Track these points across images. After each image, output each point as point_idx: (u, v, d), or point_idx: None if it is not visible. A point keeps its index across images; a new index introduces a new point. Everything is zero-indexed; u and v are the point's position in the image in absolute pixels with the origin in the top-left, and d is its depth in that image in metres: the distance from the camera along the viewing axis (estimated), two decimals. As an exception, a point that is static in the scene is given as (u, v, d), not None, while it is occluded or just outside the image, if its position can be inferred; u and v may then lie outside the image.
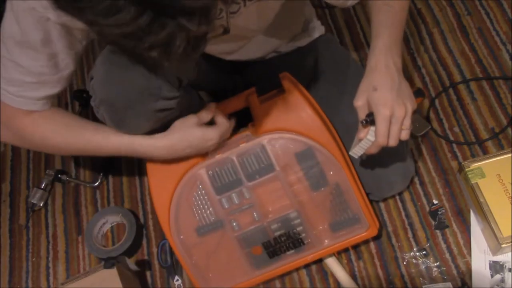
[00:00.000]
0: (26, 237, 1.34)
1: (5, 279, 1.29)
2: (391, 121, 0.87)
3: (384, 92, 0.87)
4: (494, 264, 1.09)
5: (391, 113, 0.86)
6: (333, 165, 1.03)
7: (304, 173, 1.03)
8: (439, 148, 1.26)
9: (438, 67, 1.37)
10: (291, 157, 1.03)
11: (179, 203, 1.05)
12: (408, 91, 0.90)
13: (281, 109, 1.05)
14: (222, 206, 1.05)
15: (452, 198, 1.19)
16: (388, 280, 1.13)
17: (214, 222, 1.05)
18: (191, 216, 1.05)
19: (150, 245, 1.26)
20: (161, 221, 1.07)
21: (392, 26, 0.92)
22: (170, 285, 1.21)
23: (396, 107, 0.86)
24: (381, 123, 0.87)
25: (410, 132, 0.90)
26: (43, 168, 1.42)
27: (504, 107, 1.28)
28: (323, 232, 1.07)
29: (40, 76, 0.86)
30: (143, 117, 0.93)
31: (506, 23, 1.39)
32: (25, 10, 0.78)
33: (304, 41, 1.17)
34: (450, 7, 1.46)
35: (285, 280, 1.17)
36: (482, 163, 1.13)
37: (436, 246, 1.14)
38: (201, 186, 1.04)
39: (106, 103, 0.91)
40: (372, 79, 0.89)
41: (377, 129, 0.88)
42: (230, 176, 1.04)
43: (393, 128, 0.88)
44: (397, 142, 0.89)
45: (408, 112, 0.87)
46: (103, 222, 1.28)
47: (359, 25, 1.49)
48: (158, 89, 0.91)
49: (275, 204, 1.05)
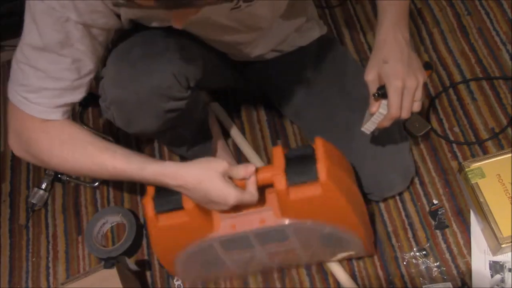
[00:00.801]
0: (26, 237, 1.34)
1: (5, 279, 1.29)
2: (403, 92, 0.86)
3: (395, 64, 0.87)
4: (494, 264, 1.09)
5: (403, 84, 0.86)
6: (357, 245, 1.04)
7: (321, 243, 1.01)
8: (439, 148, 1.26)
9: (438, 67, 1.37)
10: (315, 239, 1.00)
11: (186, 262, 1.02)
12: (418, 63, 0.89)
13: (312, 198, 0.89)
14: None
15: (452, 198, 1.19)
16: (388, 280, 1.13)
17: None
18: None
19: (150, 245, 1.26)
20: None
21: (399, 2, 0.92)
22: (170, 285, 1.21)
23: (408, 79, 0.86)
24: (393, 95, 0.86)
25: (421, 104, 0.89)
26: (43, 168, 1.42)
27: (504, 107, 1.28)
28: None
29: (59, 81, 0.82)
30: (153, 118, 0.93)
31: (506, 23, 1.39)
32: (43, 11, 0.76)
33: (306, 39, 1.17)
34: (450, 7, 1.46)
35: (285, 280, 1.17)
36: (482, 163, 1.13)
37: (436, 246, 1.14)
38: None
39: (117, 103, 0.90)
40: (382, 52, 0.89)
41: (389, 101, 0.87)
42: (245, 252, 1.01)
43: (405, 99, 0.87)
44: (409, 114, 0.89)
45: (419, 84, 0.87)
46: (103, 222, 1.28)
47: (359, 25, 1.48)
48: (169, 89, 0.91)
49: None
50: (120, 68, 0.89)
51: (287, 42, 1.14)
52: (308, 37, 1.18)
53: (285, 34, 1.11)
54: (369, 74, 0.90)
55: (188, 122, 1.07)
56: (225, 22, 0.94)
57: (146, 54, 0.91)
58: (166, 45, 0.93)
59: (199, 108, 1.10)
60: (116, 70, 0.90)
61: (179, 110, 0.96)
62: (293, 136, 1.34)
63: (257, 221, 0.93)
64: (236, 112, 1.40)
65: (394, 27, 0.90)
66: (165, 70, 0.90)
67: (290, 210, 0.92)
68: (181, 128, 1.08)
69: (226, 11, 0.90)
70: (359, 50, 1.44)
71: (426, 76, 0.90)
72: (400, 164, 1.11)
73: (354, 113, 1.08)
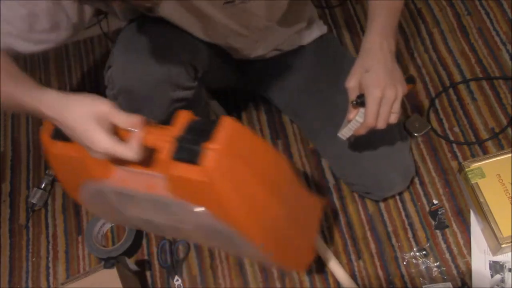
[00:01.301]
0: (26, 237, 1.34)
1: (5, 279, 1.29)
2: (382, 102, 0.87)
3: (376, 73, 0.87)
4: (494, 264, 1.09)
5: (382, 94, 0.86)
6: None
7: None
8: (439, 148, 1.26)
9: (438, 67, 1.37)
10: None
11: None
12: (400, 76, 0.90)
13: (193, 181, 0.75)
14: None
15: (452, 198, 1.19)
16: (388, 280, 1.13)
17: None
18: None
19: (150, 245, 1.26)
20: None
21: (389, 9, 0.92)
22: (170, 285, 1.21)
23: (387, 89, 0.86)
24: (371, 104, 0.87)
25: (399, 116, 0.90)
26: (43, 168, 1.42)
27: (504, 107, 1.28)
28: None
29: (9, 25, 0.77)
30: (161, 107, 0.94)
31: (506, 23, 1.39)
32: None
33: (306, 39, 1.18)
34: (450, 7, 1.46)
35: (285, 280, 1.17)
36: (482, 163, 1.13)
37: (436, 246, 1.14)
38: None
39: (126, 92, 0.91)
40: (365, 61, 0.89)
41: (366, 110, 0.88)
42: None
43: (383, 109, 0.88)
44: (385, 124, 0.89)
45: (398, 96, 0.87)
46: (103, 222, 1.28)
47: (359, 25, 1.48)
48: (177, 77, 0.91)
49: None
50: (128, 57, 0.90)
51: (287, 42, 1.14)
52: (308, 37, 1.18)
53: (284, 38, 1.12)
54: (350, 81, 0.90)
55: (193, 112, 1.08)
56: (218, 16, 0.94)
57: (154, 44, 0.91)
58: (173, 36, 0.94)
59: (202, 105, 1.10)
60: (124, 59, 0.90)
61: (186, 100, 0.96)
62: (293, 136, 1.34)
63: (145, 184, 0.80)
64: (236, 112, 1.40)
65: (381, 36, 0.90)
66: (174, 58, 0.91)
67: (174, 186, 0.78)
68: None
69: (219, 4, 0.90)
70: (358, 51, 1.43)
71: (406, 90, 0.90)
72: (400, 164, 1.11)
73: None
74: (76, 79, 1.54)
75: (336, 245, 1.19)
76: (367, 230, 1.19)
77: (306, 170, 1.29)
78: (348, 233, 1.20)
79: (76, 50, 1.59)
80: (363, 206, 1.22)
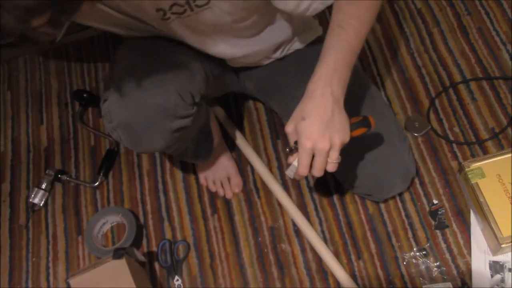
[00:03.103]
0: (26, 237, 1.34)
1: (5, 279, 1.29)
2: (315, 153, 0.84)
3: (311, 123, 0.83)
4: (494, 264, 1.09)
5: (313, 145, 0.83)
6: None
7: None
8: (439, 148, 1.26)
9: (438, 67, 1.37)
10: None
11: None
12: (340, 124, 0.84)
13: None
14: None
15: (452, 198, 1.19)
16: (388, 280, 1.13)
17: None
18: None
19: (150, 245, 1.26)
20: None
21: (341, 51, 0.85)
22: (170, 285, 1.21)
23: (320, 140, 0.82)
24: (301, 154, 0.84)
25: (338, 164, 0.86)
26: (43, 168, 1.42)
27: (504, 107, 1.28)
28: None
29: None
30: (160, 137, 0.94)
31: (506, 23, 1.39)
32: None
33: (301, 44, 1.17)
34: (450, 7, 1.46)
35: (285, 280, 1.17)
36: (482, 163, 1.13)
37: (436, 246, 1.14)
38: None
39: (124, 126, 0.91)
40: (304, 107, 0.85)
41: (298, 159, 0.85)
42: None
43: (316, 160, 0.84)
44: (321, 173, 0.86)
45: (334, 146, 0.84)
46: (103, 222, 1.28)
47: (359, 25, 1.48)
48: (175, 108, 0.91)
49: None
50: (125, 90, 0.90)
51: (279, 51, 1.13)
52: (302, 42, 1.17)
53: (268, 52, 1.10)
54: (288, 126, 0.87)
55: (192, 133, 1.08)
56: (184, 34, 0.93)
57: (149, 74, 0.91)
58: (167, 64, 0.94)
59: (203, 115, 1.10)
60: (120, 93, 0.90)
61: (185, 127, 0.96)
62: (293, 136, 1.34)
63: None
64: (236, 112, 1.40)
65: (326, 80, 0.84)
66: (170, 89, 0.90)
67: None
68: (186, 140, 1.08)
69: (157, 21, 0.90)
70: (359, 50, 1.44)
71: (347, 138, 0.86)
72: (399, 165, 1.11)
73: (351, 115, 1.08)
74: (76, 79, 1.54)
75: (336, 245, 1.19)
76: (367, 230, 1.19)
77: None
78: (348, 233, 1.20)
79: (76, 50, 1.59)
80: (363, 206, 1.22)
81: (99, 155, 1.39)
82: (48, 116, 1.50)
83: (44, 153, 1.45)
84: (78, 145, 1.44)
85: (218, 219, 1.27)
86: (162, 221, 1.29)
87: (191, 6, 0.86)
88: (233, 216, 1.27)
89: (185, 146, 1.12)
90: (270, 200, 1.27)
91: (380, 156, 1.08)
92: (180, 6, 0.86)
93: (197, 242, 1.25)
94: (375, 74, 1.39)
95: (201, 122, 1.11)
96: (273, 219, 1.25)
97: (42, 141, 1.47)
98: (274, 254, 1.20)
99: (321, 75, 0.84)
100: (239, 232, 1.25)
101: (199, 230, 1.26)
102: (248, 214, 1.26)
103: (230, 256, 1.22)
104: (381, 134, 1.08)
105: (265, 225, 1.24)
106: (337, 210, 1.23)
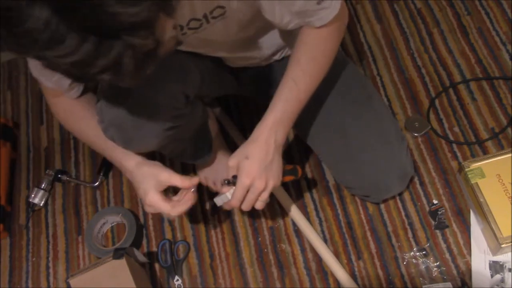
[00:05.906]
0: (26, 237, 1.34)
1: (5, 279, 1.29)
2: (250, 190, 0.92)
3: (252, 162, 0.91)
4: (494, 264, 1.09)
5: (251, 183, 0.91)
6: None
7: None
8: (439, 148, 1.26)
9: (438, 67, 1.37)
10: None
11: None
12: (277, 169, 0.94)
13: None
14: None
15: (452, 198, 1.19)
16: (388, 280, 1.13)
17: None
18: None
19: (150, 245, 1.26)
20: None
21: (290, 103, 0.93)
22: (170, 285, 1.21)
23: (258, 180, 0.91)
24: (238, 189, 0.92)
25: (265, 204, 0.95)
26: (43, 168, 1.42)
27: (504, 107, 1.28)
28: None
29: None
30: (152, 137, 0.94)
31: (506, 23, 1.39)
32: None
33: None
34: (450, 7, 1.46)
35: (285, 280, 1.17)
36: (482, 163, 1.13)
37: (436, 246, 1.15)
38: None
39: (115, 125, 0.91)
40: (248, 149, 0.92)
41: (234, 193, 0.93)
42: None
43: (249, 196, 0.93)
44: (249, 209, 0.94)
45: (268, 187, 0.92)
46: (103, 222, 1.28)
47: (359, 25, 1.48)
48: (166, 108, 0.91)
49: None
50: (116, 89, 0.90)
51: (277, 54, 1.13)
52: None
53: (265, 54, 1.10)
54: (230, 160, 0.94)
55: (187, 132, 1.08)
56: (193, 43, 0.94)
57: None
58: (161, 63, 0.93)
59: (199, 115, 1.10)
60: (112, 92, 0.90)
61: (178, 126, 0.96)
62: (293, 136, 1.34)
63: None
64: (236, 112, 1.40)
65: (271, 128, 0.92)
66: (160, 88, 0.90)
67: None
68: (181, 140, 1.08)
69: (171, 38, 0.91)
70: (358, 51, 1.44)
71: (279, 183, 0.96)
72: (397, 166, 1.11)
73: (349, 117, 1.08)
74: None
75: (336, 245, 1.19)
76: (367, 230, 1.19)
77: (306, 170, 1.29)
78: (348, 233, 1.20)
79: (76, 50, 1.59)
80: (363, 206, 1.22)
81: (99, 155, 1.39)
82: (48, 116, 1.50)
83: (44, 153, 1.45)
84: (78, 145, 1.44)
85: (218, 219, 1.27)
86: (162, 221, 1.29)
87: (207, 19, 0.86)
88: (233, 216, 1.27)
89: (181, 147, 1.12)
90: (270, 200, 1.26)
91: (378, 157, 1.08)
92: (197, 21, 0.85)
93: (197, 242, 1.25)
94: (375, 74, 1.39)
95: (198, 122, 1.11)
96: (273, 219, 1.25)
97: (42, 141, 1.47)
98: (274, 254, 1.20)
99: (267, 124, 0.92)
100: (239, 232, 1.25)
101: (199, 230, 1.26)
102: (248, 214, 1.26)
103: (230, 256, 1.22)
104: (379, 134, 1.08)
105: (265, 225, 1.24)
106: (337, 210, 1.23)
